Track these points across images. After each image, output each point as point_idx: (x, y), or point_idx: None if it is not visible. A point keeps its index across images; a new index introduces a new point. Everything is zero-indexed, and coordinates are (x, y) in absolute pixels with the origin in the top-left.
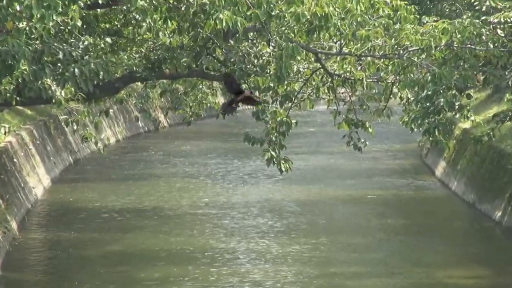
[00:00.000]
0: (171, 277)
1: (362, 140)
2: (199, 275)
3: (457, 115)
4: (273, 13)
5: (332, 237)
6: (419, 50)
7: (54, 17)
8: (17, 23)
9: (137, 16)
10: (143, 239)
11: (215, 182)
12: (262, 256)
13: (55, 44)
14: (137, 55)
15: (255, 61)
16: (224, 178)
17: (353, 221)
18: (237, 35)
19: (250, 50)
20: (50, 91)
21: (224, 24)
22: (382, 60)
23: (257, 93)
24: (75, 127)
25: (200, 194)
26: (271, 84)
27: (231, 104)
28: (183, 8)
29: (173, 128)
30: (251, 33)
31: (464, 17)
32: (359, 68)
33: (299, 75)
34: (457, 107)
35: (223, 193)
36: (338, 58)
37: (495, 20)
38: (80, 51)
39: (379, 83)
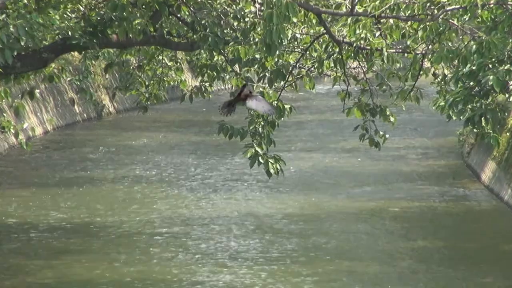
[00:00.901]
0: None
1: (381, 133)
2: None
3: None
4: None
5: (342, 265)
6: (460, 10)
7: None
8: None
9: None
10: (80, 267)
11: (179, 189)
12: None
13: None
14: (74, 15)
15: (235, 23)
16: (191, 183)
17: (369, 244)
18: None
19: (228, 9)
20: None
21: None
22: (409, 23)
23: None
24: None
25: (159, 205)
26: (257, 56)
27: (231, 104)
28: None
29: (122, 115)
30: None
31: None
32: (378, 34)
33: (296, 43)
34: (511, 87)
35: (190, 205)
36: (349, 20)
37: None
38: None
39: (405, 54)
